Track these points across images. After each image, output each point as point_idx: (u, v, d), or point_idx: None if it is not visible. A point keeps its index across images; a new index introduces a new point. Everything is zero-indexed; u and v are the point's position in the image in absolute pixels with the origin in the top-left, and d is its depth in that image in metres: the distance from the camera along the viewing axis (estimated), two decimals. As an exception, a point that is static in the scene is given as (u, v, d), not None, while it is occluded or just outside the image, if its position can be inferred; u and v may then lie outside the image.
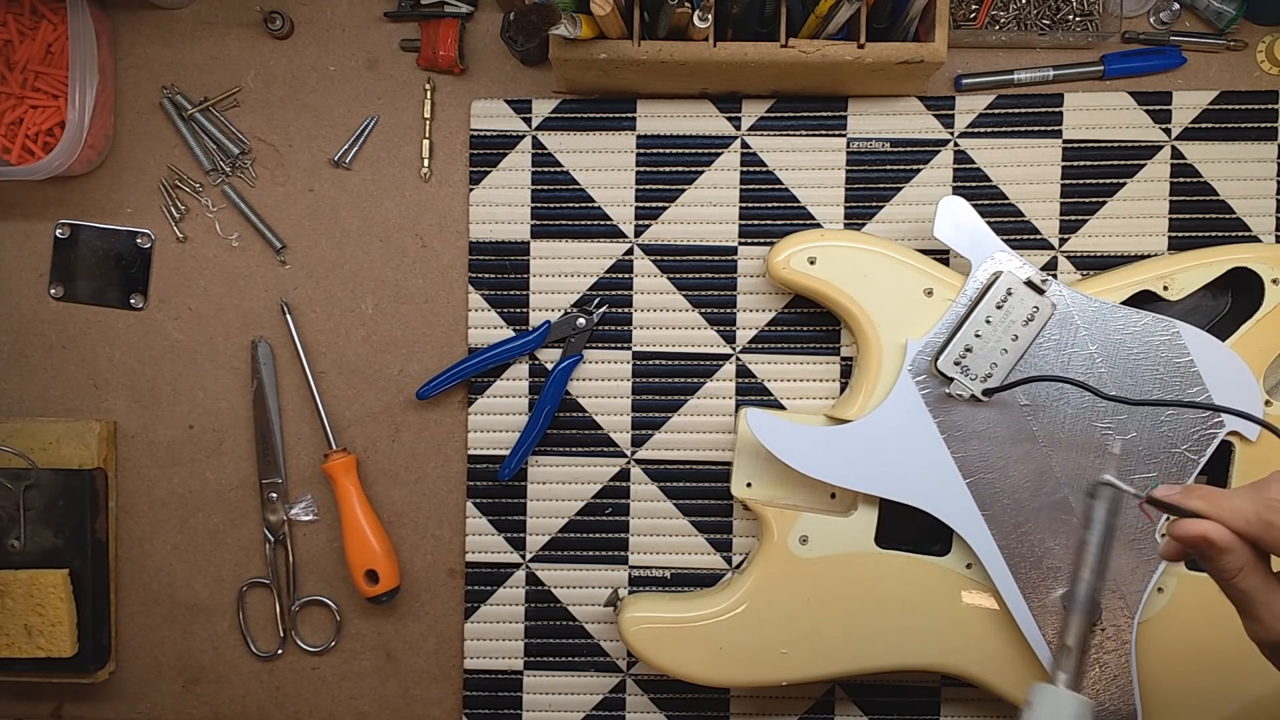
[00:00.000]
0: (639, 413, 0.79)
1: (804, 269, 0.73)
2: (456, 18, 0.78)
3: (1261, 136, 0.77)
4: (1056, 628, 0.72)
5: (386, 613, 0.81)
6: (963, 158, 0.78)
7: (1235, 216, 0.77)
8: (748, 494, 0.75)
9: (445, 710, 0.81)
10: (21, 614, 0.76)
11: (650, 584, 0.80)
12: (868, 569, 0.73)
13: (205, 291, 0.80)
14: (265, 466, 0.80)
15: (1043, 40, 0.76)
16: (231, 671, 0.82)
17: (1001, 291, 0.71)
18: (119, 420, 0.81)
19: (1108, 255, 0.78)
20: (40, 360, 0.81)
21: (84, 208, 0.80)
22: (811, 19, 0.69)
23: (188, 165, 0.80)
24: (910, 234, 0.78)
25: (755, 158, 0.78)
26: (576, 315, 0.78)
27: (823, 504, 0.75)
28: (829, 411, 0.77)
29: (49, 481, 0.77)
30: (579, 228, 0.79)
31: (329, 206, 0.80)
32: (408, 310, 0.80)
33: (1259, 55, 0.78)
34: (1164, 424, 0.71)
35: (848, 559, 0.73)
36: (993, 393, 0.71)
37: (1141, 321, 0.71)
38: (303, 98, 0.80)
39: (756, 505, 0.75)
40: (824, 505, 0.75)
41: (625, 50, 0.69)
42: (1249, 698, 0.72)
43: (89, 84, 0.75)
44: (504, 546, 0.80)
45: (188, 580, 0.81)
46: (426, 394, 0.78)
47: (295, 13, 0.79)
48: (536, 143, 0.79)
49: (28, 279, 0.81)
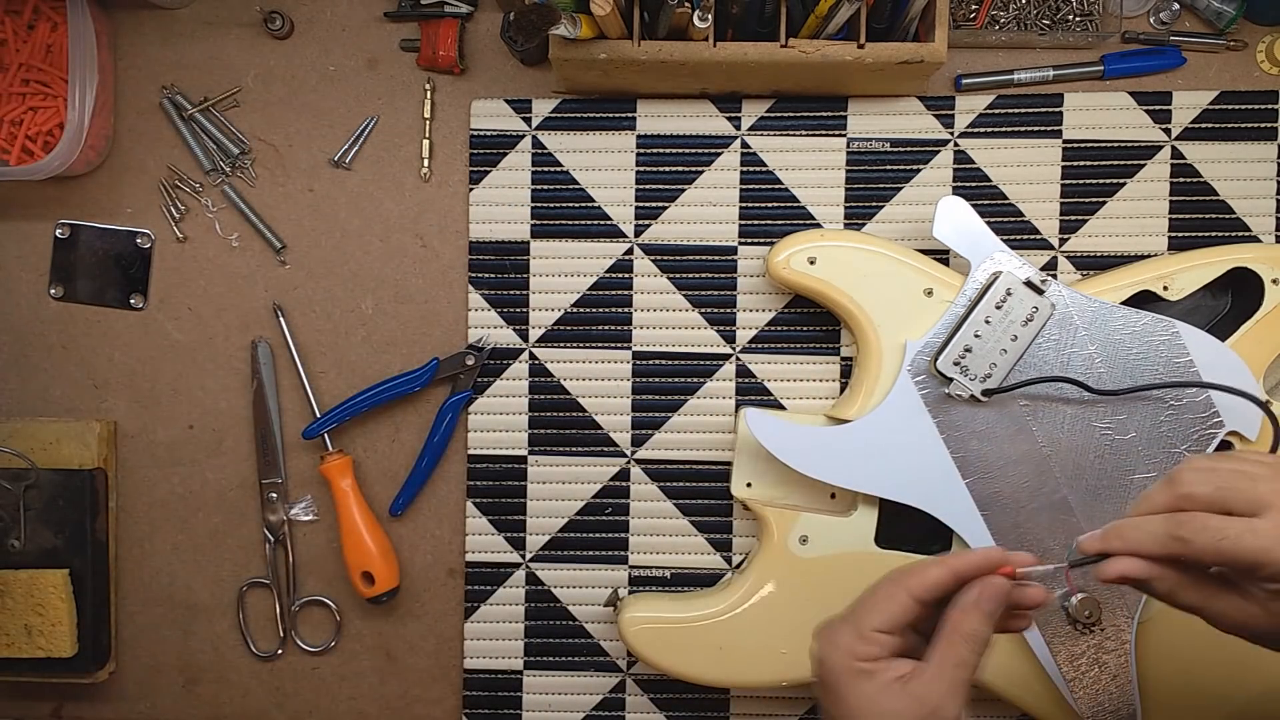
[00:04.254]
0: (639, 412, 0.79)
1: (804, 269, 0.73)
2: (456, 18, 0.78)
3: (1261, 136, 0.77)
4: (1056, 628, 0.72)
5: (386, 613, 0.81)
6: (963, 158, 0.78)
7: (1235, 216, 0.77)
8: (748, 494, 0.75)
9: (445, 710, 0.81)
10: (21, 614, 0.76)
11: (650, 584, 0.80)
12: (868, 569, 0.73)
13: (205, 291, 0.80)
14: (265, 466, 0.80)
15: (1043, 40, 0.76)
16: (231, 671, 0.82)
17: (1001, 292, 0.71)
18: (119, 420, 0.81)
19: (1107, 255, 0.78)
20: (40, 360, 0.81)
21: (84, 208, 0.80)
22: (811, 19, 0.69)
23: (188, 165, 0.80)
24: (910, 234, 0.78)
25: (755, 158, 0.78)
26: (465, 353, 0.78)
27: (823, 504, 0.75)
28: (829, 411, 0.77)
29: (49, 481, 0.77)
30: (579, 228, 0.79)
31: (329, 206, 0.80)
32: (408, 310, 0.80)
33: (1259, 55, 0.78)
34: (1163, 424, 0.71)
35: (848, 559, 0.73)
36: (992, 393, 0.71)
37: (1141, 321, 0.71)
38: (303, 98, 0.80)
39: (756, 505, 0.75)
40: (824, 505, 0.75)
41: (625, 50, 0.69)
42: (1249, 697, 0.72)
43: (89, 84, 0.75)
44: (504, 546, 0.80)
45: (188, 580, 0.81)
46: (313, 433, 0.78)
47: (295, 13, 0.79)
48: (536, 142, 0.79)
49: (28, 279, 0.81)
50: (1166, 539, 0.50)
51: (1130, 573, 0.51)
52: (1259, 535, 0.49)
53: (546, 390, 0.79)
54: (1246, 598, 0.51)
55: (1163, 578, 0.51)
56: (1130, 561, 0.51)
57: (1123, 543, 0.51)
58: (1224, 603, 0.51)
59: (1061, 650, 0.72)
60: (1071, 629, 0.71)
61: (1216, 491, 0.50)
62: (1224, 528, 0.49)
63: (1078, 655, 0.72)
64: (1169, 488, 0.52)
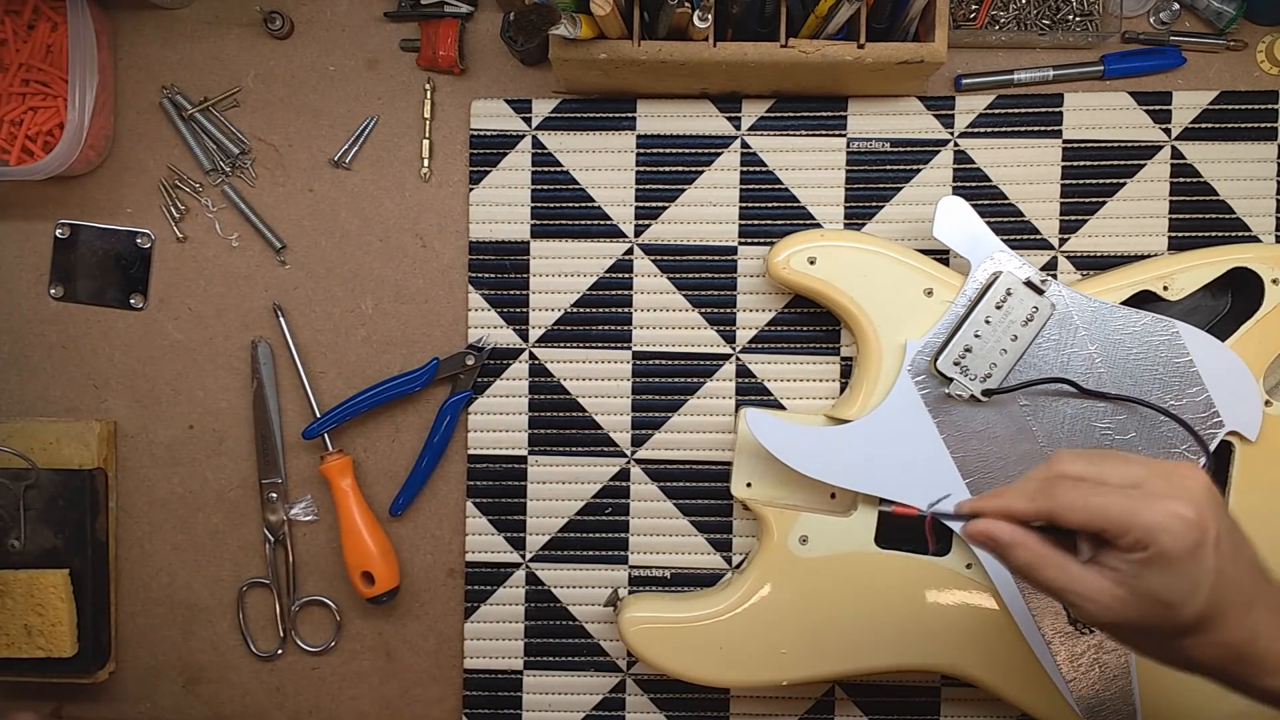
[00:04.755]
0: (639, 412, 0.79)
1: (804, 269, 0.73)
2: (456, 18, 0.78)
3: (1261, 136, 0.77)
4: (1056, 628, 0.72)
5: (386, 613, 0.81)
6: (963, 158, 0.78)
7: (1235, 216, 0.77)
8: (748, 494, 0.75)
9: (445, 710, 0.81)
10: (21, 614, 0.76)
11: (650, 584, 0.80)
12: (868, 569, 0.73)
13: (205, 291, 0.80)
14: (265, 466, 0.80)
15: (1043, 40, 0.76)
16: (231, 671, 0.82)
17: (1001, 292, 0.71)
18: (119, 420, 0.81)
19: (1107, 255, 0.78)
20: (40, 360, 0.81)
21: (84, 208, 0.80)
22: (811, 19, 0.69)
23: (188, 165, 0.80)
24: (910, 234, 0.78)
25: (755, 158, 0.78)
26: (465, 353, 0.78)
27: (823, 504, 0.75)
28: (829, 411, 0.77)
29: (49, 481, 0.77)
30: (579, 228, 0.79)
31: (329, 206, 0.80)
32: (408, 310, 0.80)
33: (1259, 55, 0.78)
34: (1163, 424, 0.71)
35: (848, 559, 0.73)
36: (992, 393, 0.71)
37: (1141, 322, 0.71)
38: (303, 98, 0.79)
39: (756, 505, 0.75)
40: (824, 505, 0.75)
41: (625, 50, 0.69)
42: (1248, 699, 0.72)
43: (89, 84, 0.75)
44: (504, 546, 0.80)
45: (188, 580, 0.81)
46: (312, 433, 0.78)
47: (295, 13, 0.79)
48: (536, 142, 0.79)
49: (28, 279, 0.81)
50: (1036, 494, 0.51)
51: (993, 531, 0.51)
52: (1129, 497, 0.49)
53: (546, 390, 0.79)
54: (1109, 578, 0.50)
55: (1026, 546, 0.51)
56: (999, 524, 0.51)
57: (995, 501, 0.52)
58: (1087, 582, 0.50)
59: (1061, 650, 0.72)
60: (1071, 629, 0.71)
61: (1089, 467, 0.51)
62: (1096, 488, 0.50)
63: (1078, 655, 0.72)
64: (1045, 466, 0.52)
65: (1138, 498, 0.49)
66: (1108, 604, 0.50)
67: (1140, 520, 0.48)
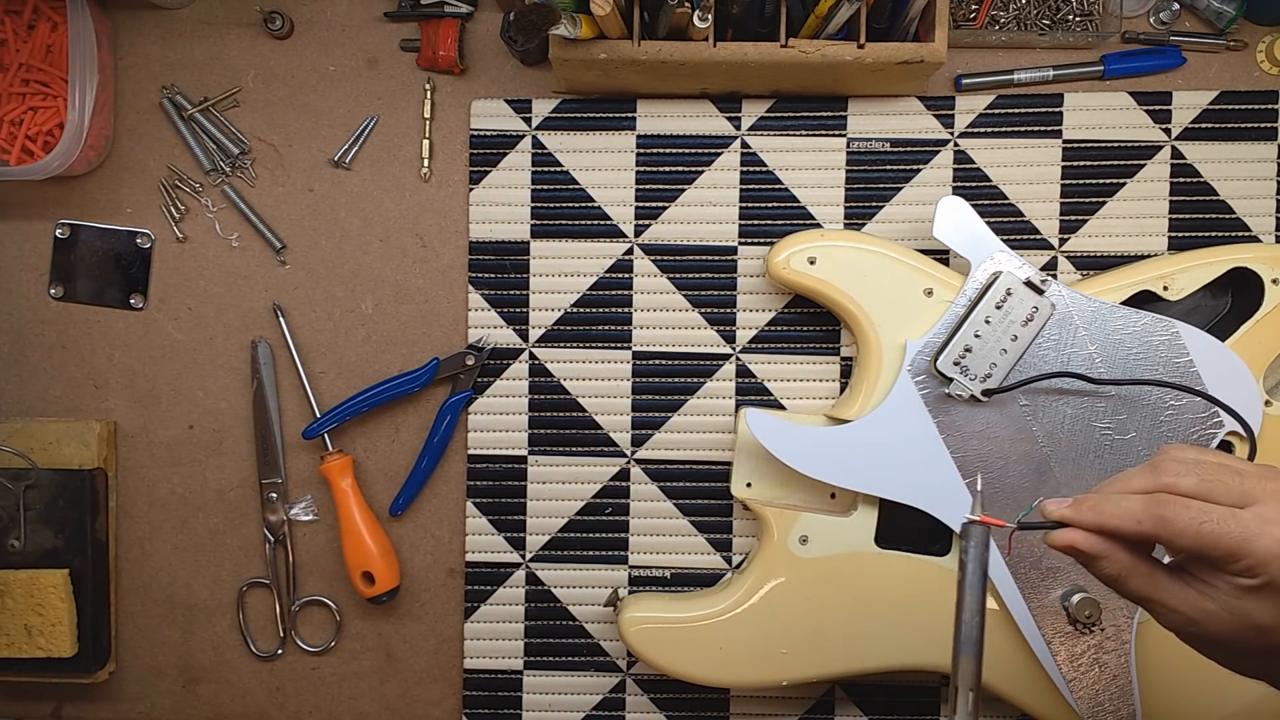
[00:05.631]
0: (639, 412, 0.79)
1: (804, 269, 0.73)
2: (456, 18, 0.78)
3: (1261, 136, 0.77)
4: (1056, 628, 0.72)
5: (386, 613, 0.81)
6: (963, 158, 0.78)
7: (1235, 216, 0.77)
8: (748, 494, 0.75)
9: (445, 710, 0.81)
10: (21, 614, 0.76)
11: (650, 584, 0.80)
12: (868, 569, 0.73)
13: (205, 291, 0.80)
14: (265, 466, 0.80)
15: (1043, 40, 0.76)
16: (231, 671, 0.82)
17: (1001, 292, 0.71)
18: (119, 420, 0.81)
19: (1108, 255, 0.78)
20: (40, 360, 0.81)
21: (84, 208, 0.80)
22: (811, 19, 0.69)
23: (188, 165, 0.80)
24: (910, 234, 0.78)
25: (755, 158, 0.78)
26: (465, 353, 0.78)
27: (823, 504, 0.75)
28: (829, 411, 0.77)
29: (49, 481, 0.77)
30: (579, 228, 0.79)
31: (329, 206, 0.80)
32: (408, 310, 0.80)
33: (1259, 55, 0.78)
34: (1163, 424, 0.71)
35: (848, 559, 0.73)
36: (992, 393, 0.71)
37: (1141, 322, 0.71)
38: (303, 98, 0.79)
39: (756, 505, 0.75)
40: (824, 505, 0.75)
41: (625, 50, 0.69)
42: (1249, 698, 0.72)
43: (89, 84, 0.75)
44: (504, 546, 0.80)
45: (188, 580, 0.81)
46: (312, 433, 0.78)
47: (295, 13, 0.79)
48: (536, 142, 0.79)
49: (28, 279, 0.81)
50: (1144, 515, 0.48)
51: (1081, 545, 0.49)
52: (1241, 523, 0.47)
53: (546, 390, 0.79)
54: (1203, 593, 0.48)
55: (1115, 559, 0.49)
56: (1086, 536, 0.49)
57: (1095, 516, 0.49)
58: (1176, 595, 0.48)
59: (1061, 650, 0.72)
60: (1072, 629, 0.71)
61: (1201, 483, 0.48)
62: (1207, 511, 0.47)
63: (1078, 655, 0.72)
64: (1151, 474, 0.49)
65: (1249, 523, 0.46)
66: (1195, 618, 0.48)
67: (1252, 549, 0.46)
